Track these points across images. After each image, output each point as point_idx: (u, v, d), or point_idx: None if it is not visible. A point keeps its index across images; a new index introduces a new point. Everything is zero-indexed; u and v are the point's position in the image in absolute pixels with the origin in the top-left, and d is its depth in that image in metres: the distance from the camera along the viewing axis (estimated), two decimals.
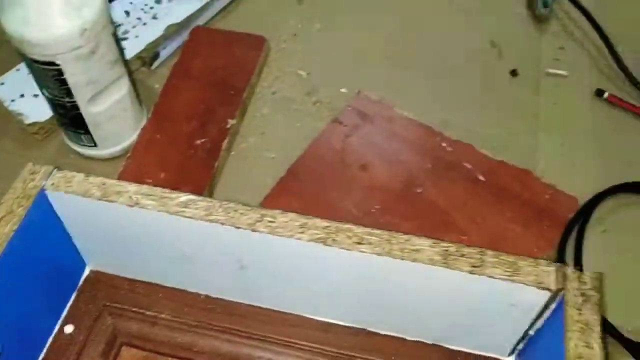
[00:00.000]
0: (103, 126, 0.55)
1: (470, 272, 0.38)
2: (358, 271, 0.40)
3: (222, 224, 0.39)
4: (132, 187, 0.41)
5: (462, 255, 0.38)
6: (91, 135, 0.55)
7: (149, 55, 0.64)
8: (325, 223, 0.40)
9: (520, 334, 0.42)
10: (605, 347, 0.36)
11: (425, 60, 0.67)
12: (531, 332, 0.41)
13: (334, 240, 0.39)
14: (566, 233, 0.53)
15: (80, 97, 0.51)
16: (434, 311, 0.42)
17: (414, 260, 0.38)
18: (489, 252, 0.39)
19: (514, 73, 0.65)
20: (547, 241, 0.52)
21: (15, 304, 0.41)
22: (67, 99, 0.51)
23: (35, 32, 0.46)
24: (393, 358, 0.44)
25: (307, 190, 0.55)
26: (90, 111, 0.53)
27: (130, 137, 0.58)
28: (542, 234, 0.53)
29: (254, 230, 0.39)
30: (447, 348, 0.45)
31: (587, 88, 0.64)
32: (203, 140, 0.58)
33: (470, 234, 0.52)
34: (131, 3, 0.68)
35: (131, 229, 0.42)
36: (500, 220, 0.53)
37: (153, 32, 0.65)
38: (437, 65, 0.66)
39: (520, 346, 0.43)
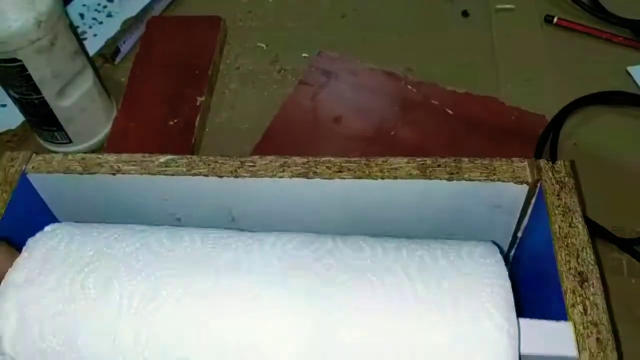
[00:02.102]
0: (75, 120, 0.56)
1: (449, 179, 0.39)
2: (342, 199, 0.41)
3: (205, 175, 0.40)
4: (111, 157, 0.42)
5: (439, 166, 0.40)
6: (64, 132, 0.56)
7: (110, 52, 0.65)
8: (303, 159, 0.41)
9: (510, 238, 0.43)
10: (586, 226, 0.37)
11: (378, 15, 0.68)
12: (519, 234, 0.43)
13: (314, 172, 0.40)
14: (538, 149, 0.55)
15: (47, 92, 0.52)
16: (420, 229, 0.43)
17: (395, 177, 0.39)
18: (464, 159, 0.40)
19: (465, 14, 0.67)
20: (522, 158, 0.54)
21: None
22: (34, 96, 0.52)
23: None
24: None
25: (284, 149, 0.56)
26: (59, 106, 0.54)
27: (103, 130, 0.59)
28: (517, 152, 0.54)
29: (236, 177, 0.40)
30: None
31: (536, 17, 0.66)
32: (176, 120, 0.58)
33: None
34: (84, 5, 0.69)
35: (116, 199, 0.43)
36: (474, 146, 0.55)
37: (110, 28, 0.66)
38: (391, 18, 0.68)
39: (512, 253, 0.45)
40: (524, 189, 0.39)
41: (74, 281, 0.31)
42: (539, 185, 0.39)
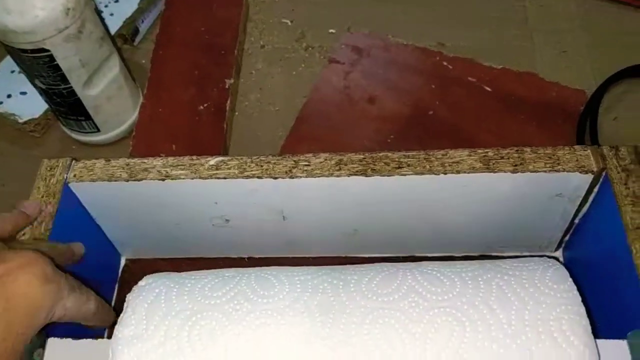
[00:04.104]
0: (103, 108, 0.54)
1: (513, 172, 0.38)
2: (402, 196, 0.40)
3: (259, 177, 0.39)
4: (158, 162, 0.40)
5: (502, 158, 0.39)
6: (92, 121, 0.54)
7: (129, 32, 0.63)
8: (360, 155, 0.40)
9: (567, 224, 0.43)
10: None
11: None
12: (576, 221, 0.42)
13: (372, 169, 0.39)
14: (580, 126, 0.53)
15: (76, 81, 0.50)
16: (480, 221, 0.42)
17: (458, 172, 0.38)
18: (526, 149, 0.39)
19: None
20: (564, 137, 0.53)
21: None
22: (62, 86, 0.50)
23: (19, 20, 0.45)
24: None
25: (320, 133, 0.55)
26: (87, 94, 0.52)
27: (131, 116, 0.57)
28: (558, 129, 0.53)
29: (292, 177, 0.39)
30: (495, 256, 0.46)
31: None
32: (206, 104, 0.56)
33: (492, 144, 0.52)
34: None
35: (164, 205, 0.42)
36: (515, 125, 0.54)
37: (127, 7, 0.63)
38: None
39: (567, 238, 0.44)
40: (588, 178, 0.38)
41: (180, 335, 0.31)
42: (604, 173, 0.38)
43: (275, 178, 0.39)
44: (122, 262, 0.48)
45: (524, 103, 0.55)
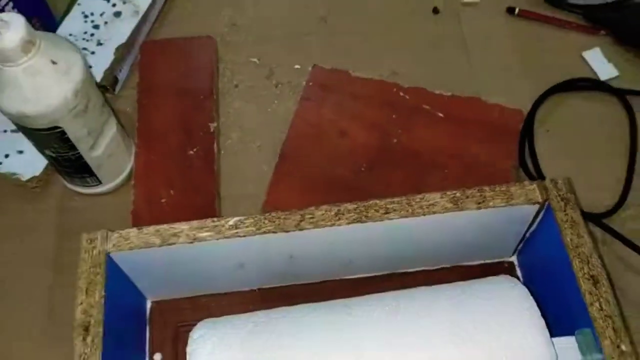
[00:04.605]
0: (104, 165, 0.59)
1: (478, 208, 0.47)
2: (389, 234, 0.49)
3: (274, 232, 0.47)
4: (184, 226, 0.47)
5: (467, 197, 0.48)
6: (96, 176, 0.59)
7: (109, 82, 0.67)
8: (353, 205, 0.48)
9: (520, 238, 0.53)
10: (590, 233, 0.47)
11: (356, 20, 0.73)
12: (527, 235, 0.52)
13: (366, 216, 0.47)
14: (521, 141, 0.64)
15: (83, 148, 0.55)
16: (451, 243, 0.52)
17: (434, 212, 0.47)
18: (486, 188, 0.48)
19: (435, 11, 0.73)
20: (509, 152, 0.63)
21: None
22: (71, 153, 0.55)
23: (35, 107, 0.49)
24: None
25: (302, 168, 0.62)
26: (92, 156, 0.57)
27: (127, 166, 0.62)
28: (504, 146, 0.63)
29: (301, 230, 0.47)
30: (464, 265, 0.55)
31: (500, 9, 0.73)
32: (195, 149, 0.63)
33: (450, 165, 0.61)
34: (71, 35, 0.70)
35: (191, 262, 0.49)
36: (468, 146, 0.63)
37: (104, 58, 0.68)
38: (369, 22, 0.73)
39: (520, 246, 0.54)
40: (535, 208, 0.48)
41: None
42: (546, 203, 0.48)
43: (287, 232, 0.47)
44: (149, 304, 0.55)
45: (472, 126, 0.64)
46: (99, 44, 0.69)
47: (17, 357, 0.55)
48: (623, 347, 0.42)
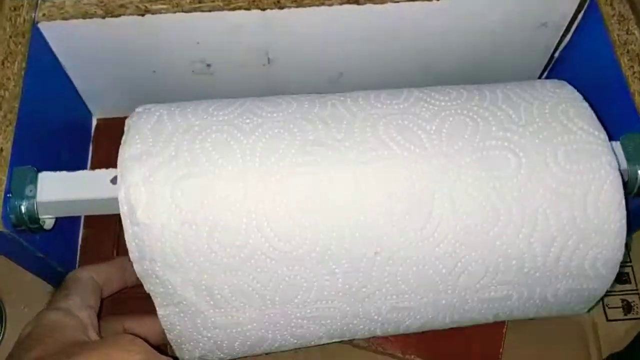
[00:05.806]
0: None
1: None
2: (391, 31, 0.39)
3: (247, 9, 0.37)
4: None
5: None
6: None
7: None
8: None
9: (547, 58, 0.44)
10: None
11: None
12: (556, 55, 0.43)
13: None
14: None
15: None
16: (467, 57, 0.42)
17: None
18: None
19: None
20: None
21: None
22: None
23: None
24: None
25: None
26: None
27: None
28: None
29: (281, 8, 0.37)
30: None
31: None
32: None
33: None
34: None
35: (142, 48, 0.39)
36: None
37: None
38: None
39: (544, 75, 0.45)
40: (575, 2, 0.39)
41: (192, 147, 0.30)
42: None
43: (264, 9, 0.37)
44: (94, 122, 0.45)
45: None
46: None
47: None
48: None
